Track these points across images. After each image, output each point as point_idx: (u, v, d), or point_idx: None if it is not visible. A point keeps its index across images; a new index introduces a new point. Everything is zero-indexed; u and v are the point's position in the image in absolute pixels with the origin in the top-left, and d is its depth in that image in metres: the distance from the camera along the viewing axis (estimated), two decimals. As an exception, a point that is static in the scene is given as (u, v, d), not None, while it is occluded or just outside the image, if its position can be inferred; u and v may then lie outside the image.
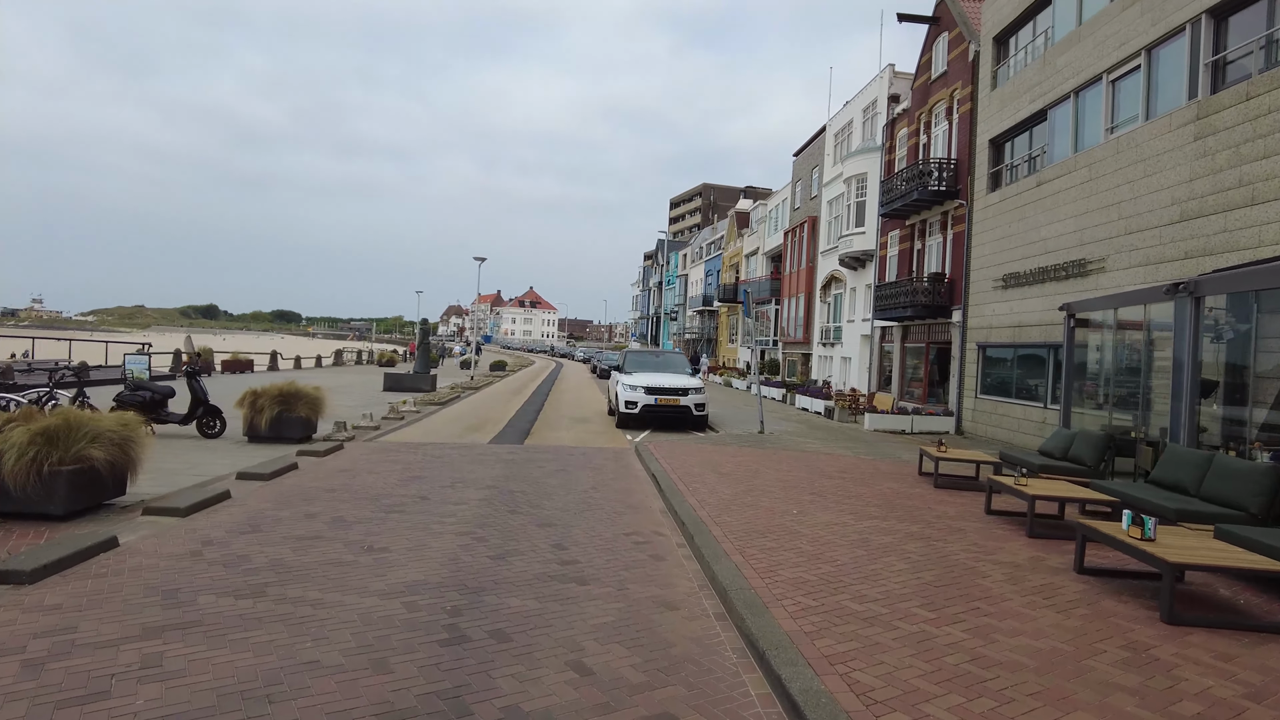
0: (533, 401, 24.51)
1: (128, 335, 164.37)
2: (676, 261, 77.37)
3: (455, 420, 18.08)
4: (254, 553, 6.34)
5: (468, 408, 21.75)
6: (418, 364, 27.16)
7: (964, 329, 22.48)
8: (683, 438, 16.16)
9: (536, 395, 26.86)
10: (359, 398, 23.46)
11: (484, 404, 23.09)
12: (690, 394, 17.14)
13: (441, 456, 12.34)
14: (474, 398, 25.41)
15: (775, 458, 13.18)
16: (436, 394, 24.61)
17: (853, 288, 31.56)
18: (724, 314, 56.73)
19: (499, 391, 28.59)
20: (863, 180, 30.09)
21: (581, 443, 14.85)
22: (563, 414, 20.70)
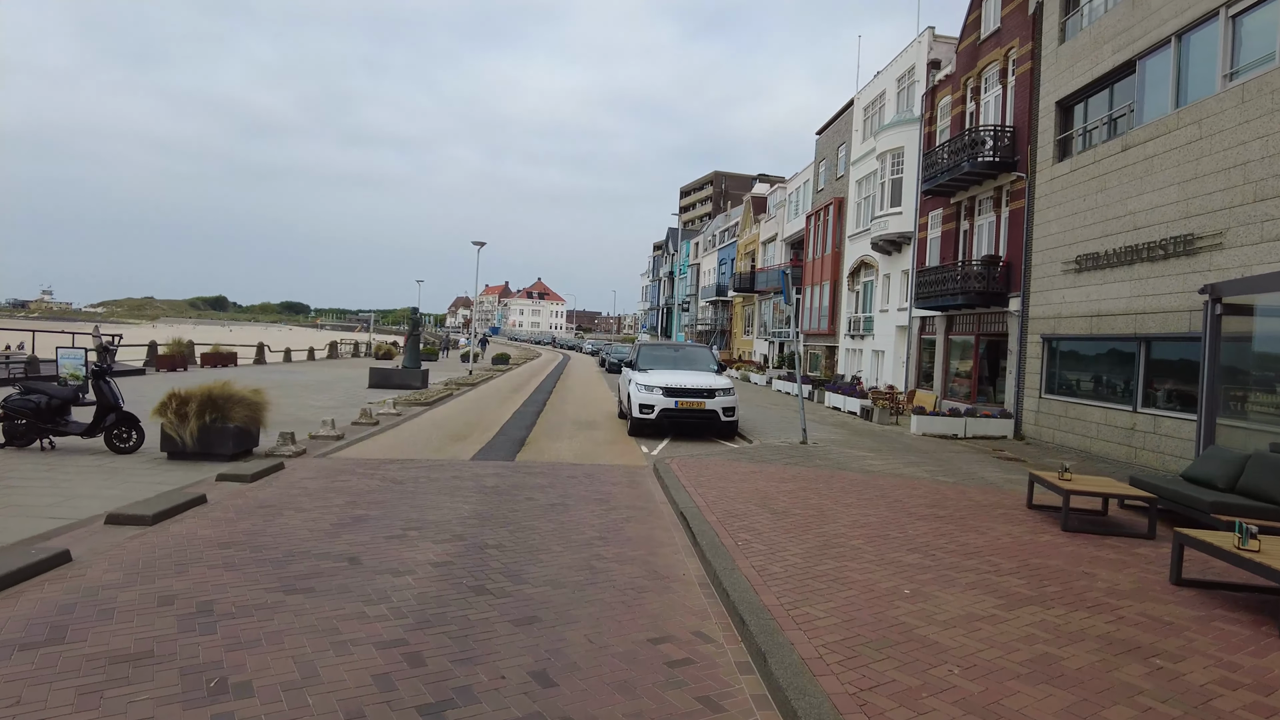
0: (533, 401, 21.69)
1: (135, 327, 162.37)
2: (688, 251, 74.37)
3: (439, 426, 15.27)
4: None
5: (457, 409, 18.94)
6: (407, 358, 24.36)
7: (1024, 319, 19.53)
8: (710, 449, 13.32)
9: (539, 393, 24.05)
10: (339, 396, 20.67)
11: (478, 404, 20.28)
12: (718, 395, 14.29)
13: (404, 482, 9.53)
14: (468, 396, 22.60)
15: (837, 484, 10.30)
16: (426, 392, 21.82)
17: (886, 274, 28.59)
18: (738, 304, 53.78)
19: (497, 389, 25.78)
20: (898, 155, 27.08)
21: (587, 457, 12.02)
22: (566, 417, 17.87)
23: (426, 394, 21.02)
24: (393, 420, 15.75)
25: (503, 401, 21.08)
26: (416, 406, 18.85)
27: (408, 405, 18.91)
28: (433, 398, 20.23)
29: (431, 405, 19.36)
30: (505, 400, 21.52)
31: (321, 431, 12.73)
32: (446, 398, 21.46)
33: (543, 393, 24.25)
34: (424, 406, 18.96)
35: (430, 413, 17.76)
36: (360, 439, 12.89)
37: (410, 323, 25.05)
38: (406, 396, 20.32)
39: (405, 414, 17.11)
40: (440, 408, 18.97)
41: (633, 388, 14.68)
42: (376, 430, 14.12)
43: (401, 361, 24.67)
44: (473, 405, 19.89)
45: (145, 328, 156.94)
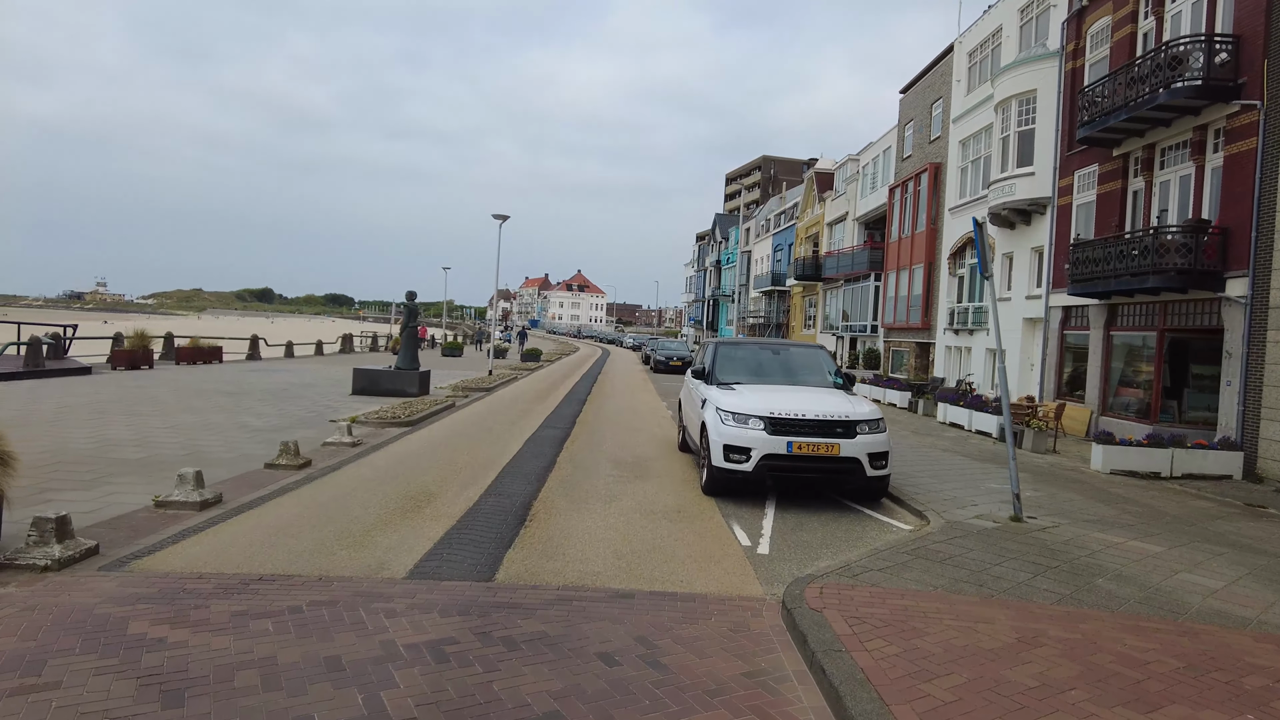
0: (560, 417, 16.11)
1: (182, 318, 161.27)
2: (737, 237, 68.28)
3: (401, 471, 9.72)
4: None
5: (448, 432, 13.44)
6: (401, 357, 18.98)
7: (1253, 307, 13.47)
8: (850, 532, 7.61)
9: (568, 404, 18.50)
10: (299, 409, 15.32)
11: (482, 423, 14.76)
12: (861, 432, 8.53)
13: (226, 660, 3.90)
14: (474, 409, 17.10)
15: (1193, 689, 4.49)
16: (417, 403, 16.39)
17: (1007, 253, 22.44)
18: (798, 294, 47.68)
19: (517, 396, 20.29)
20: (1028, 102, 20.90)
21: (637, 564, 6.30)
22: (602, 448, 12.22)
23: (415, 406, 15.57)
24: (337, 457, 10.28)
25: (518, 418, 15.52)
26: (393, 428, 13.41)
27: (381, 425, 13.46)
28: (420, 413, 14.76)
29: (416, 424, 13.89)
30: (522, 416, 15.97)
31: (176, 495, 7.27)
32: (442, 412, 15.99)
33: (574, 403, 18.74)
34: (404, 427, 13.50)
35: (405, 440, 12.26)
36: (244, 508, 7.40)
37: (405, 311, 19.71)
38: (390, 409, 14.89)
39: (367, 442, 11.65)
40: (424, 430, 13.47)
41: (710, 414, 9.04)
42: (294, 482, 8.64)
43: (395, 361, 19.21)
44: (474, 425, 14.38)
45: (192, 319, 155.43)
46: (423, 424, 14.12)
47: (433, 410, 15.47)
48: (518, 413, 16.38)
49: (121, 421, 12.59)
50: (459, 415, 15.59)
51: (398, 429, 13.36)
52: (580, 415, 16.20)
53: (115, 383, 18.78)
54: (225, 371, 23.71)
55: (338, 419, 13.85)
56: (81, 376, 20.13)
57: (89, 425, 12.05)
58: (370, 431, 12.90)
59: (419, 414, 14.60)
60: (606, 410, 17.48)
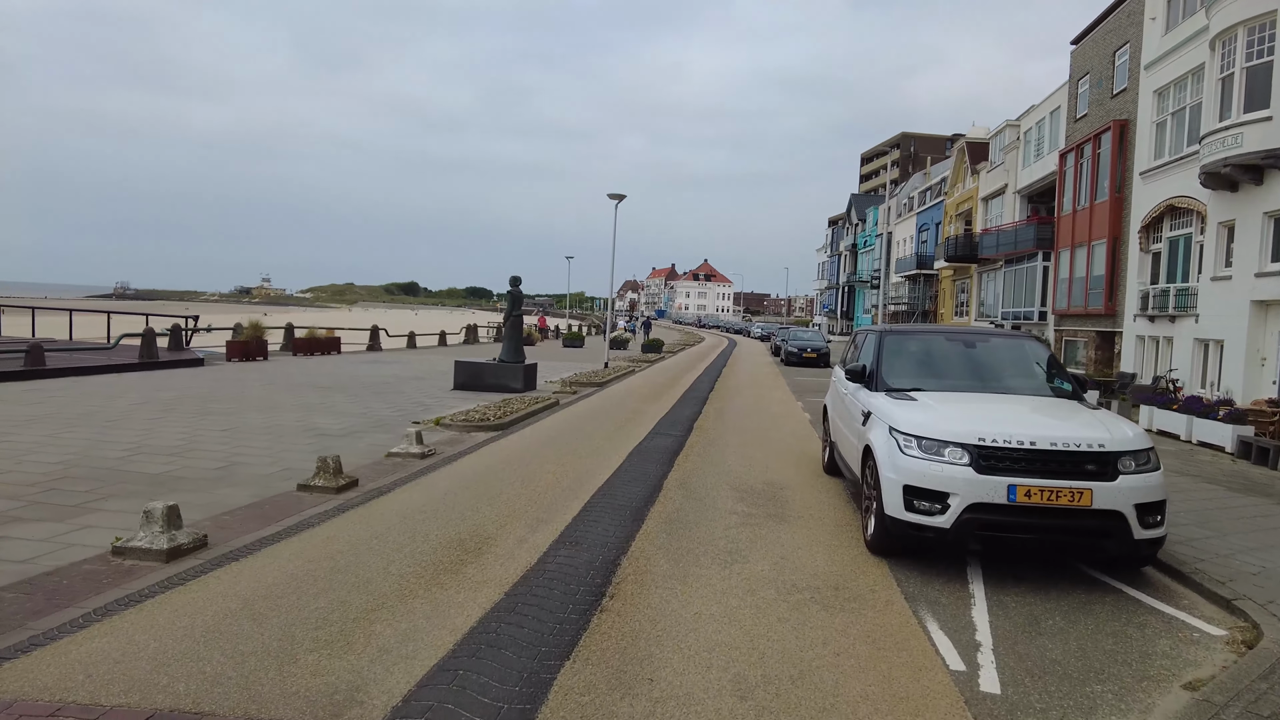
0: (675, 420, 13.75)
1: (334, 310, 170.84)
2: (875, 219, 63.57)
3: (458, 503, 7.54)
4: None
5: (538, 442, 11.28)
6: (505, 349, 17.10)
7: None
8: (1131, 647, 4.77)
9: (687, 402, 16.08)
10: (391, 407, 13.70)
11: (578, 430, 12.56)
12: (1120, 468, 5.42)
13: None
14: (576, 409, 14.98)
15: None
16: (519, 400, 14.43)
17: (1225, 221, 18.08)
18: (946, 277, 43.14)
19: (629, 393, 18.08)
20: (1265, 26, 16.52)
21: (778, 701, 3.76)
22: (724, 468, 9.65)
23: (512, 406, 13.58)
24: (395, 474, 8.29)
25: (626, 422, 13.22)
26: (479, 432, 11.41)
27: (466, 429, 11.50)
28: (516, 414, 12.72)
29: (506, 428, 11.83)
30: (632, 419, 13.65)
31: (140, 539, 5.36)
32: (541, 412, 13.93)
33: (693, 402, 16.31)
34: (492, 431, 11.48)
35: (488, 450, 10.17)
36: (224, 560, 5.39)
37: (509, 298, 17.77)
38: (483, 409, 12.97)
39: (442, 452, 9.67)
40: (514, 436, 11.34)
41: (879, 436, 6.17)
42: (317, 515, 6.67)
43: (499, 353, 17.35)
44: (573, 430, 12.18)
45: (343, 311, 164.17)
46: (515, 428, 12.06)
47: (531, 410, 13.42)
48: (627, 414, 14.07)
49: (181, 422, 11.21)
50: (559, 417, 13.45)
51: (484, 434, 11.35)
52: (699, 419, 13.70)
53: (215, 376, 17.95)
54: (336, 363, 22.80)
55: (423, 420, 12.01)
56: (190, 369, 19.55)
57: (143, 426, 10.70)
58: (451, 438, 10.94)
59: (513, 415, 12.56)
60: (730, 412, 14.90)
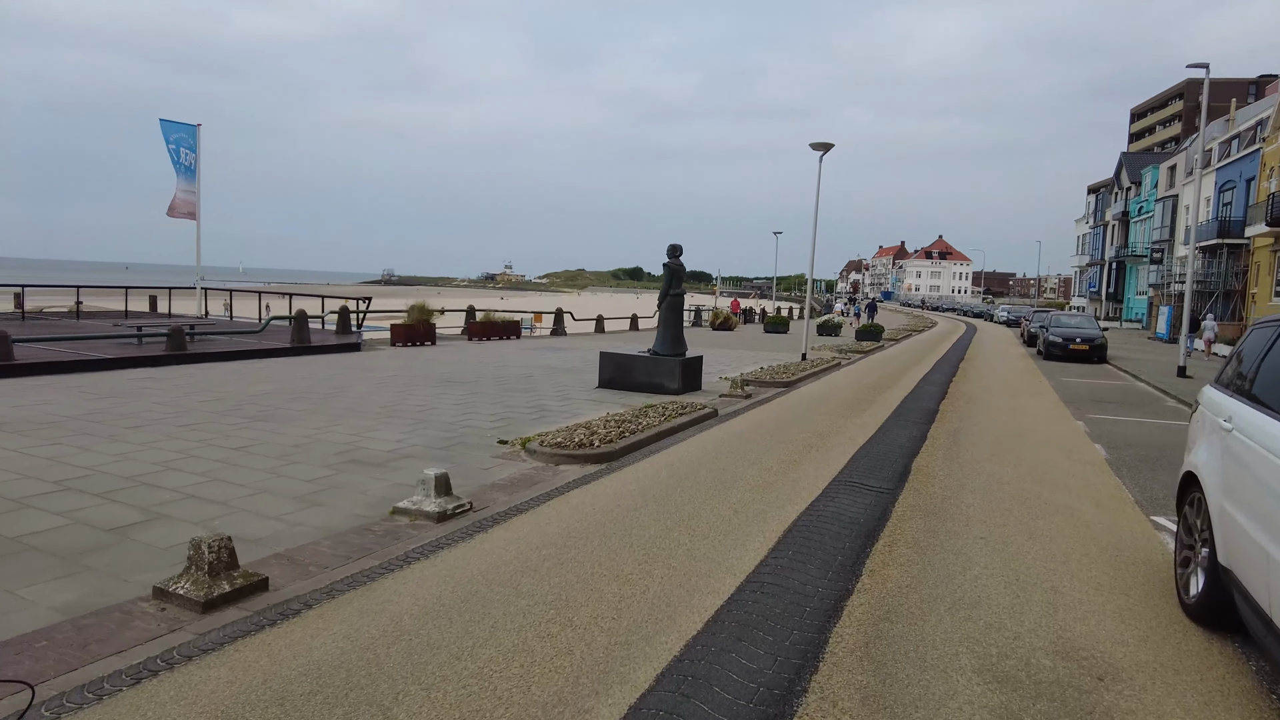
0: (876, 458, 9.14)
1: (566, 295, 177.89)
2: (1154, 179, 52.06)
3: (430, 644, 3.84)
4: None
5: (644, 493, 7.26)
6: (659, 339, 13.16)
7: None
8: None
9: (900, 421, 11.22)
10: (513, 408, 10.43)
11: (718, 473, 8.28)
12: None
13: None
14: (735, 427, 10.74)
15: None
16: (665, 406, 10.52)
17: None
18: (1263, 247, 33.13)
19: (822, 399, 13.54)
20: None
21: None
22: (960, 609, 5.00)
23: (647, 419, 9.69)
24: (353, 566, 4.75)
25: (799, 454, 8.73)
26: (574, 464, 7.68)
27: (555, 458, 7.79)
28: (642, 432, 8.84)
29: (614, 460, 7.93)
30: (807, 450, 9.13)
31: None
32: (690, 427, 9.91)
33: (913, 418, 11.47)
34: (593, 464, 7.68)
35: (562, 503, 6.36)
36: None
37: (666, 273, 13.80)
38: (612, 420, 9.27)
39: (490, 506, 6.03)
40: (614, 479, 7.30)
41: None
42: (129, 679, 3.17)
43: (653, 343, 13.46)
44: (710, 471, 7.95)
45: (572, 295, 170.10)
46: (630, 457, 8.14)
47: (669, 426, 9.45)
48: (805, 439, 9.58)
49: (233, 432, 8.55)
50: (704, 441, 9.29)
51: (578, 468, 7.58)
52: (919, 454, 8.88)
53: (350, 363, 15.81)
54: (501, 350, 20.27)
55: (512, 440, 8.52)
56: (339, 354, 17.76)
57: (184, 436, 8.10)
58: (524, 475, 7.28)
59: (639, 434, 8.68)
60: (971, 440, 9.90)
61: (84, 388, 11.55)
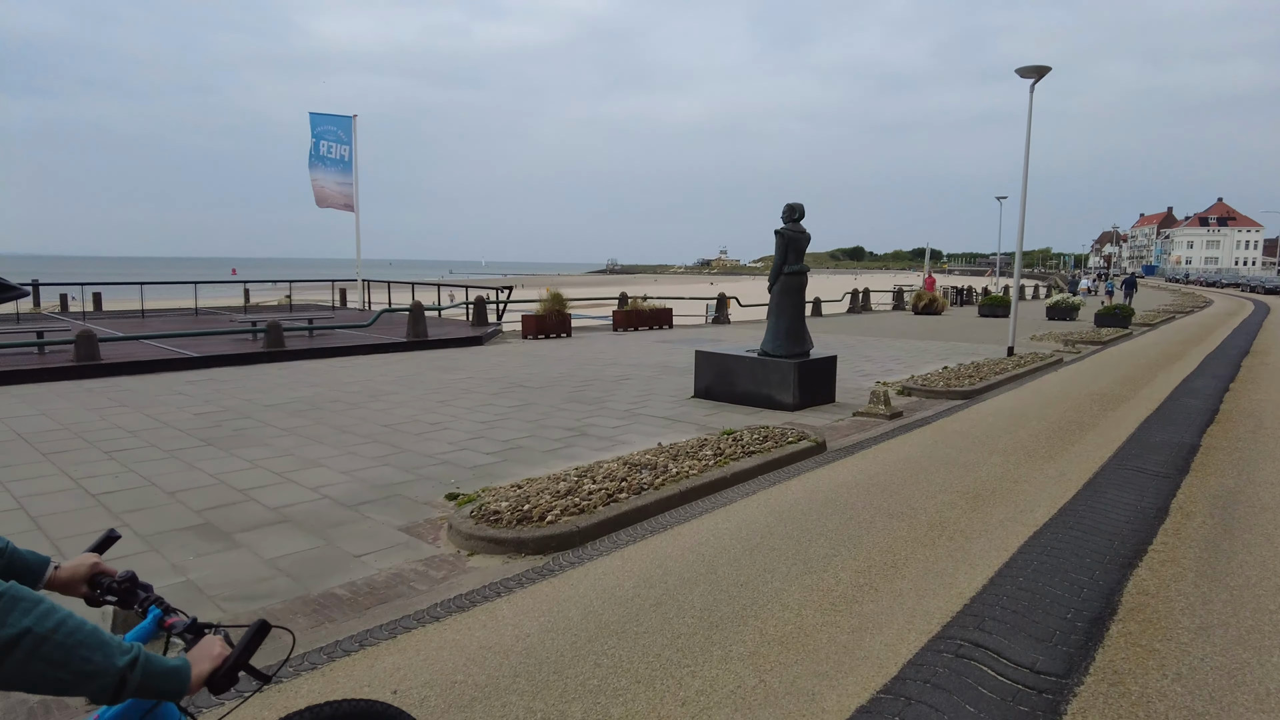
0: (1045, 569, 5.17)
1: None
2: None
3: None
4: None
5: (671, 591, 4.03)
6: (769, 335, 9.47)
7: None
8: None
9: (1112, 483, 6.95)
10: (566, 424, 7.59)
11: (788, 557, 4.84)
12: None
13: None
14: (867, 466, 7.07)
15: None
16: (766, 429, 7.14)
17: None
18: None
19: (1015, 421, 9.31)
20: None
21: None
22: None
23: (729, 451, 6.39)
24: None
25: (920, 544, 5.06)
26: (517, 555, 4.60)
27: (492, 543, 4.75)
28: (703, 479, 5.57)
29: (558, 556, 4.76)
30: (947, 529, 5.39)
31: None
32: (786, 466, 6.44)
33: (1147, 463, 7.12)
34: (528, 558, 4.58)
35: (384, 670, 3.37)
36: None
37: (779, 244, 10.07)
38: (675, 449, 6.17)
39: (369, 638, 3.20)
40: (534, 604, 4.22)
41: None
42: None
43: (765, 340, 9.84)
44: (778, 556, 4.56)
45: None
46: (589, 553, 4.86)
47: (713, 478, 6.05)
48: (939, 513, 5.68)
49: (141, 466, 6.48)
50: (759, 509, 5.69)
51: (499, 562, 4.53)
52: (1139, 573, 4.74)
53: (448, 361, 13.77)
54: (629, 343, 17.51)
55: (459, 495, 5.68)
56: (457, 349, 15.91)
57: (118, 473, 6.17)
58: (397, 575, 4.38)
59: (645, 495, 5.43)
60: (1255, 523, 5.47)
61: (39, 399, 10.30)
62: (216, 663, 1.42)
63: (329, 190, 22.66)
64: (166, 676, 1.33)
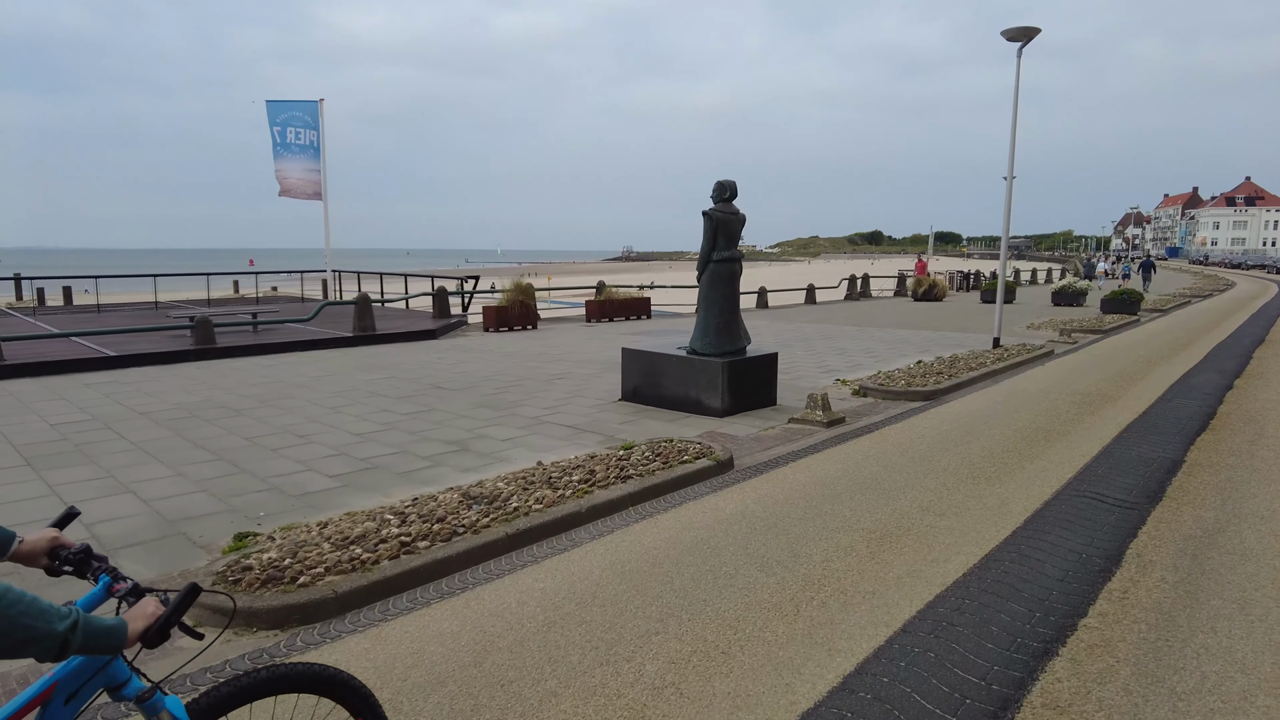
0: (931, 659, 3.93)
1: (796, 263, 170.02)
2: None
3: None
4: None
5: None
6: (699, 328, 8.25)
7: None
8: None
9: (1063, 516, 5.79)
10: (448, 436, 6.49)
11: (593, 641, 3.65)
12: None
13: None
14: (788, 480, 5.92)
15: None
16: (662, 448, 6.00)
17: None
18: None
19: (983, 419, 8.12)
20: None
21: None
22: None
23: (601, 474, 5.27)
24: None
25: (783, 613, 3.92)
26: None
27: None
28: (544, 518, 4.46)
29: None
30: (825, 586, 4.24)
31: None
32: (674, 491, 5.31)
33: (1114, 486, 5.91)
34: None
35: None
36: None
37: (707, 228, 8.84)
38: (525, 477, 5.05)
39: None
40: None
41: None
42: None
43: (693, 338, 8.62)
44: (588, 639, 3.45)
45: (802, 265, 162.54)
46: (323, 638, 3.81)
47: (630, 490, 4.95)
48: (887, 531, 4.56)
49: None
50: (687, 519, 4.65)
51: (215, 648, 3.43)
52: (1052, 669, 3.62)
53: (384, 359, 12.71)
54: (592, 335, 16.37)
55: (250, 534, 4.61)
56: (405, 344, 14.87)
57: None
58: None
59: (550, 505, 4.34)
60: (1233, 575, 4.30)
61: None
62: (150, 620, 1.58)
63: (293, 180, 21.66)
64: (105, 634, 1.49)
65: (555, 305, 26.49)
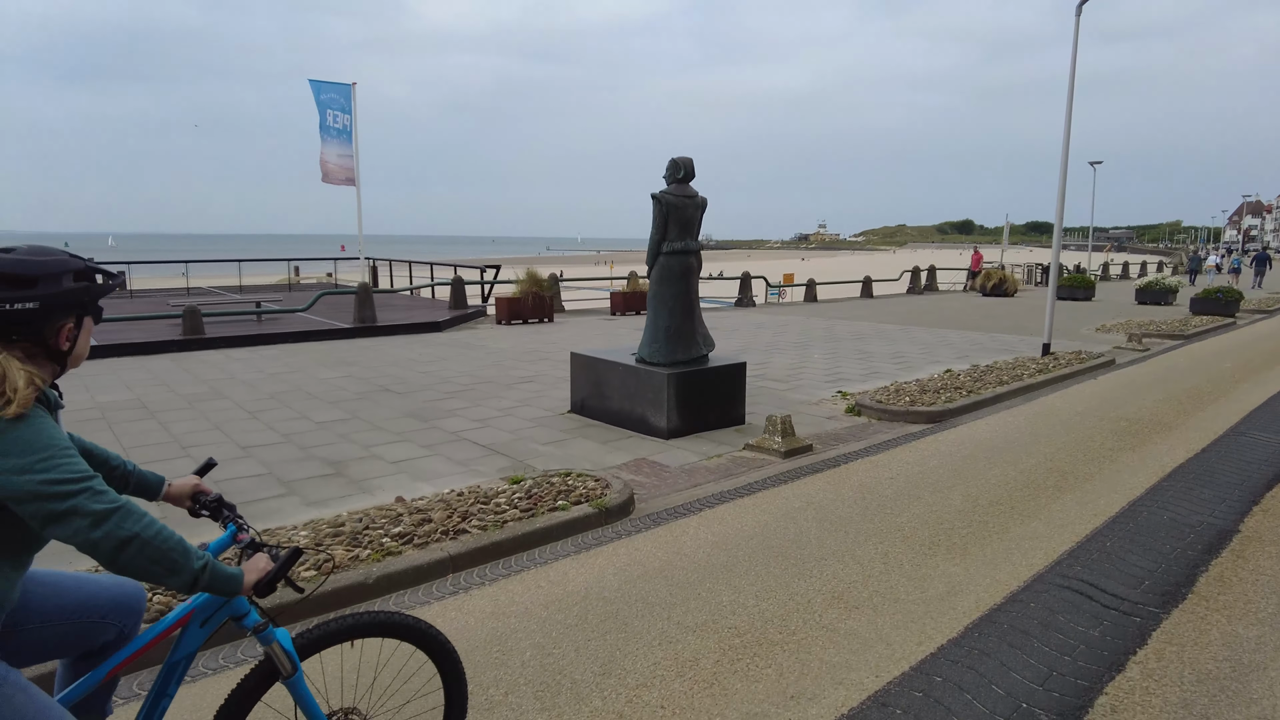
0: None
1: (883, 253, 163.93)
2: None
3: None
4: None
5: None
6: (648, 335, 6.90)
7: None
8: None
9: (1010, 645, 4.25)
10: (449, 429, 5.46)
11: None
12: None
13: None
14: (679, 549, 4.56)
15: None
16: (541, 486, 4.78)
17: None
18: None
19: (985, 460, 6.53)
20: None
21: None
22: None
23: (525, 533, 4.11)
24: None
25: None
26: None
27: None
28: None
29: None
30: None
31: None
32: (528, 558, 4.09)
33: (1095, 605, 4.33)
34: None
35: None
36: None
37: (657, 214, 7.43)
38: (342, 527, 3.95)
39: None
40: None
41: None
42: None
43: (641, 343, 7.25)
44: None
45: (888, 254, 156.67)
46: None
47: (450, 553, 3.77)
48: (765, 637, 3.23)
49: None
50: (505, 601, 3.46)
51: None
52: None
53: (362, 354, 11.84)
54: (601, 329, 15.17)
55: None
56: (406, 336, 14.06)
57: None
58: None
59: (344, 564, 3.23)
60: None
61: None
62: (260, 574, 1.82)
63: (331, 165, 21.23)
64: (226, 580, 1.76)
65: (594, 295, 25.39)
